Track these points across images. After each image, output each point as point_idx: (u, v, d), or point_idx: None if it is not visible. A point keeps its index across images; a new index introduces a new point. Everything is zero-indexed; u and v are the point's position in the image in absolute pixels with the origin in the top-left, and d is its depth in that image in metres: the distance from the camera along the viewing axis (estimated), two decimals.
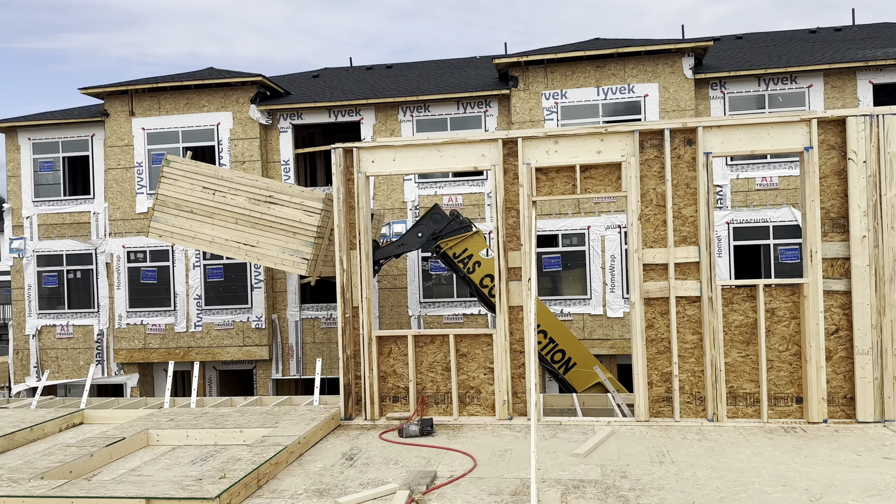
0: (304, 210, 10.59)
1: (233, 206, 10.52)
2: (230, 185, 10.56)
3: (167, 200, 10.40)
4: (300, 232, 10.54)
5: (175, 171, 10.47)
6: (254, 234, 10.47)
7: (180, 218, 10.40)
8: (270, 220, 10.56)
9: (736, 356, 7.76)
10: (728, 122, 7.67)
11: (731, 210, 18.21)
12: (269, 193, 10.65)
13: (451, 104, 19.37)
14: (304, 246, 10.48)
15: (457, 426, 7.95)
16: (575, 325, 18.86)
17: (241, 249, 10.51)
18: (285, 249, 10.50)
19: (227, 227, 10.52)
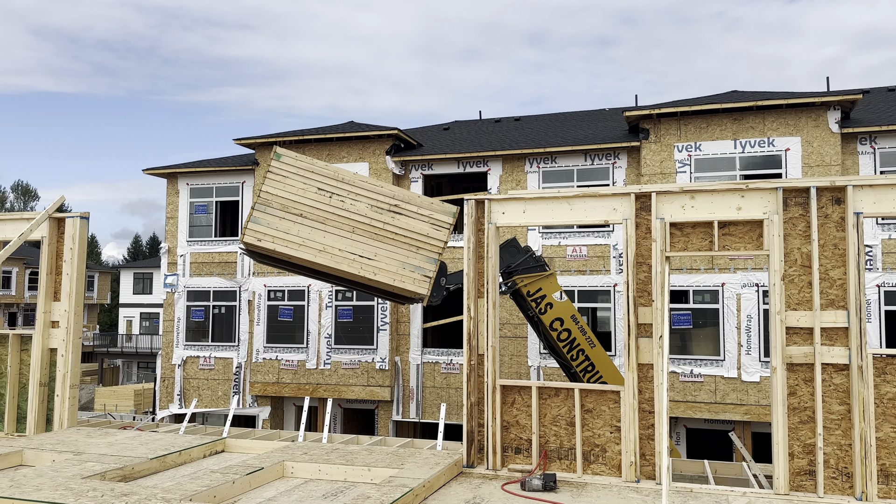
0: (431, 223, 9.62)
1: (351, 213, 9.39)
2: (350, 189, 9.45)
3: (271, 200, 9.13)
4: (424, 247, 9.59)
5: (286, 167, 9.22)
6: (372, 245, 9.38)
7: (286, 221, 9.12)
8: (393, 232, 9.49)
9: (889, 431, 7.13)
10: (882, 181, 7.24)
11: (883, 272, 16.87)
12: (395, 202, 9.59)
13: (578, 156, 19.46)
14: (426, 262, 9.50)
15: (580, 484, 7.81)
16: (706, 388, 17.96)
17: (357, 262, 9.31)
18: (406, 265, 9.45)
19: (342, 235, 9.33)
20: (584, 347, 11.36)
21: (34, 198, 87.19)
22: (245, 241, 9.00)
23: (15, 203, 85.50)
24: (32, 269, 53.50)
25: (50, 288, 10.57)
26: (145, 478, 7.92)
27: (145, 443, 9.19)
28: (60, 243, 10.66)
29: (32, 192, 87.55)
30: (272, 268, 18.70)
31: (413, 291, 9.44)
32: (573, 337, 11.29)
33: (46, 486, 6.74)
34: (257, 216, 9.12)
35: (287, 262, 10.08)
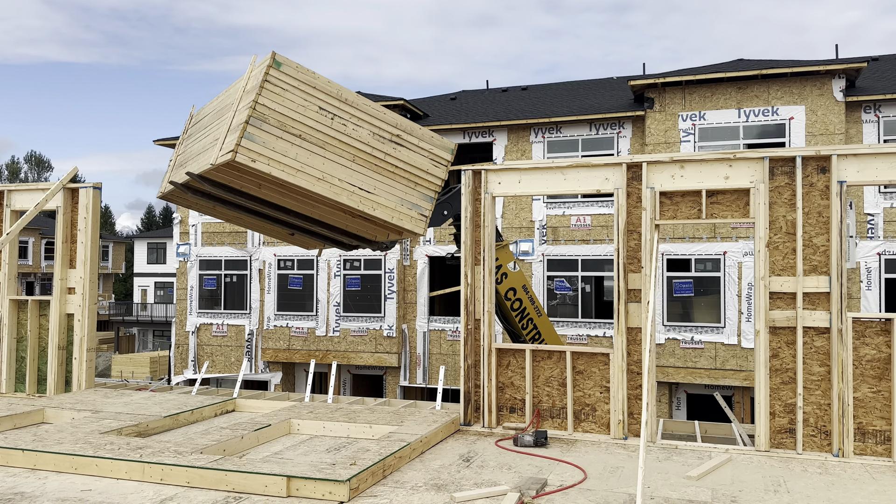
0: (431, 159, 8.87)
1: (353, 140, 8.34)
2: (353, 113, 8.39)
3: (268, 115, 7.73)
4: (423, 183, 8.83)
5: (285, 78, 7.90)
6: (372, 177, 8.43)
7: (283, 142, 7.83)
8: (394, 164, 8.59)
9: (866, 391, 7.45)
10: (865, 150, 7.44)
11: (884, 240, 17.01)
12: (398, 132, 8.66)
13: (583, 125, 19.58)
14: (423, 200, 8.80)
15: (570, 441, 8.20)
16: (706, 354, 18.31)
17: (356, 195, 8.29)
18: (404, 201, 8.67)
19: (342, 164, 8.25)
20: (532, 316, 11.75)
21: (48, 168, 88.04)
22: (237, 160, 7.53)
23: (29, 174, 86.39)
24: (48, 238, 54.39)
25: (66, 256, 11.01)
26: (159, 434, 8.40)
27: (159, 402, 9.67)
28: (75, 213, 11.07)
29: (46, 162, 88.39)
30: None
31: (410, 230, 8.89)
32: (524, 306, 11.65)
33: (67, 440, 7.22)
34: (252, 133, 7.58)
35: (222, 204, 9.15)
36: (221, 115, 8.51)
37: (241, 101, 7.97)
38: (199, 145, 8.86)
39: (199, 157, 8.56)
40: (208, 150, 8.28)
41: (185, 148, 9.58)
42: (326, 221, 9.29)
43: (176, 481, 6.20)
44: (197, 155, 8.77)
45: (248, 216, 9.49)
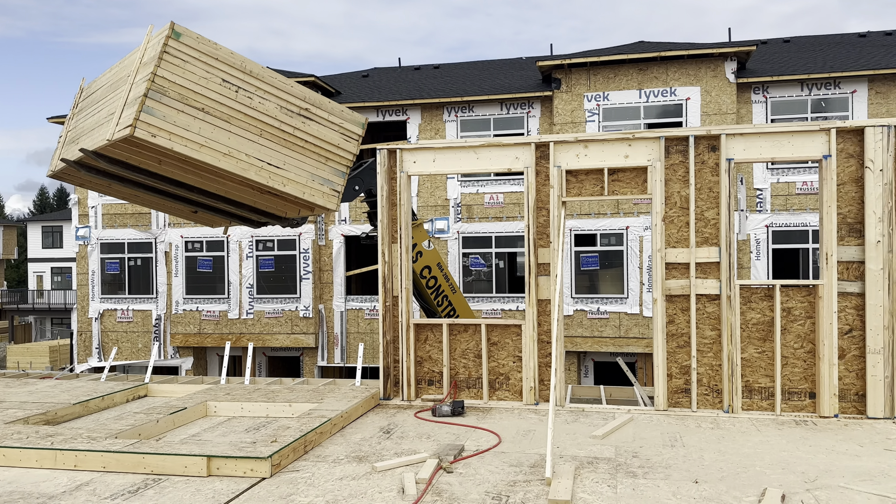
0: (342, 133, 8.78)
1: (260, 113, 8.12)
2: (258, 86, 8.16)
3: (168, 88, 7.41)
4: (334, 158, 8.73)
5: (185, 49, 7.60)
6: (281, 152, 8.25)
7: (184, 115, 7.54)
8: (303, 139, 8.43)
9: (753, 352, 8.17)
10: (750, 129, 8.08)
11: (771, 213, 18.33)
12: (307, 106, 8.50)
13: (494, 105, 19.95)
14: (335, 175, 8.73)
15: (486, 409, 8.57)
16: (611, 324, 19.25)
17: (265, 170, 8.11)
18: (315, 177, 8.54)
19: (249, 138, 8.02)
20: (447, 293, 12.04)
21: None
22: (136, 135, 7.16)
23: None
24: None
25: None
26: (69, 422, 8.16)
27: (67, 390, 9.36)
28: None
29: None
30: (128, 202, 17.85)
31: (322, 206, 8.60)
32: (439, 284, 11.91)
33: None
34: (151, 107, 7.24)
35: (119, 182, 8.80)
36: (116, 89, 8.10)
37: (137, 74, 7.63)
38: (93, 120, 8.45)
39: (94, 133, 8.19)
40: (103, 124, 7.93)
41: (76, 123, 9.12)
42: (233, 198, 9.11)
43: (91, 467, 6.10)
44: (90, 130, 8.38)
45: (148, 194, 9.17)
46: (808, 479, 5.76)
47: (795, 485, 5.62)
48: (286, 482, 5.77)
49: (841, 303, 7.90)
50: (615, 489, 5.52)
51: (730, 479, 5.76)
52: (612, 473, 5.93)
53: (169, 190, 8.81)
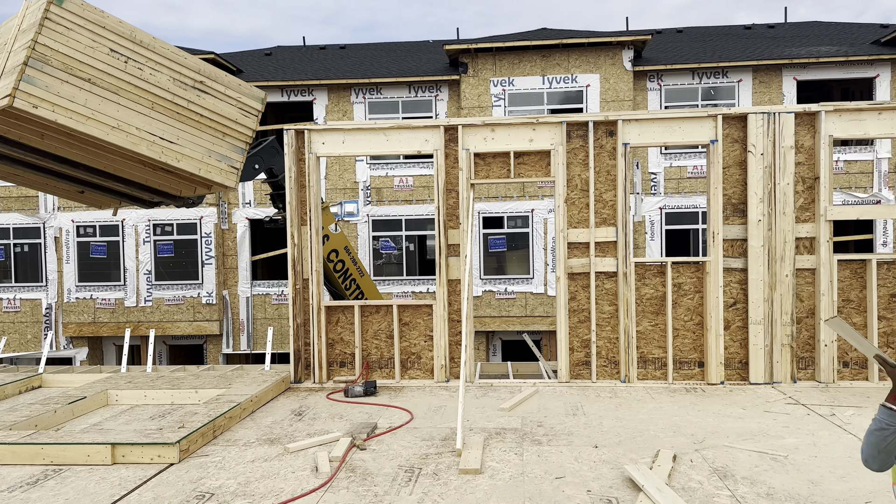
0: (240, 108, 8.53)
1: (152, 85, 7.81)
2: (150, 57, 7.84)
3: (50, 57, 7.02)
4: (232, 134, 8.46)
5: (70, 16, 7.20)
6: (174, 127, 7.95)
7: (69, 86, 7.16)
8: (198, 113, 8.16)
9: (647, 325, 8.70)
10: (644, 115, 8.54)
11: (665, 196, 19.35)
12: (201, 79, 8.25)
13: (403, 87, 19.95)
14: (234, 152, 8.44)
15: (398, 388, 8.71)
16: (518, 303, 19.82)
17: (157, 145, 7.78)
18: (212, 153, 8.25)
19: (140, 112, 7.70)
20: (355, 277, 12.06)
21: None
22: (15, 105, 6.72)
23: None
24: None
25: None
26: None
27: None
28: None
29: None
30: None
31: (220, 184, 8.32)
32: (346, 267, 11.91)
33: None
34: (32, 76, 6.81)
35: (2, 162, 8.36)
36: None
37: (16, 42, 7.10)
38: None
39: None
40: None
41: None
42: (123, 176, 8.66)
43: None
44: None
45: (28, 172, 8.59)
46: (696, 441, 6.25)
47: (686, 446, 6.09)
48: (196, 466, 5.69)
49: (726, 278, 8.53)
50: (522, 456, 5.80)
51: (626, 443, 6.17)
52: (519, 442, 6.22)
53: (53, 167, 8.31)
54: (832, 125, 8.29)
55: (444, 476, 5.37)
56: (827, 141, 8.26)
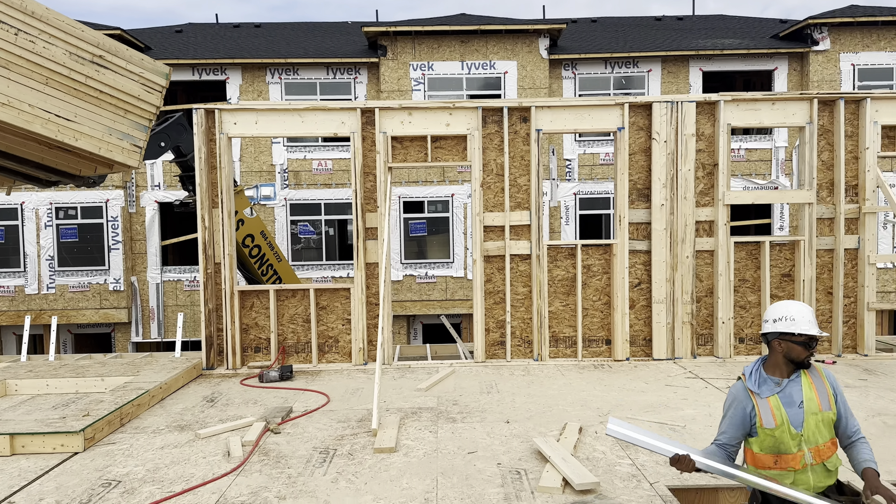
0: (143, 84, 8.08)
1: (46, 59, 7.41)
2: (42, 29, 7.45)
3: None
4: (134, 111, 8.04)
5: None
6: (71, 103, 7.55)
7: None
8: (97, 89, 7.76)
9: (558, 305, 9.01)
10: (556, 102, 8.79)
11: (579, 182, 19.92)
12: (101, 53, 7.82)
13: (320, 69, 19.63)
14: (136, 130, 8.02)
15: (316, 372, 8.68)
16: (438, 287, 20.00)
17: (53, 123, 7.38)
18: (113, 131, 7.82)
19: (33, 87, 7.29)
20: (272, 262, 11.83)
21: None
22: None
23: None
24: None
25: None
26: None
27: None
28: None
29: None
30: None
31: (122, 163, 8.19)
32: (263, 252, 11.66)
33: None
34: None
35: None
36: None
37: None
38: None
39: None
40: None
41: None
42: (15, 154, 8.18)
43: None
44: None
45: None
46: (601, 413, 6.55)
47: (591, 418, 6.38)
48: (102, 455, 5.52)
49: (632, 259, 8.93)
50: (436, 434, 5.93)
51: (537, 418, 6.41)
52: (434, 420, 6.35)
53: None
54: (730, 114, 8.79)
55: (359, 456, 5.43)
56: (725, 129, 8.75)
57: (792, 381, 3.31)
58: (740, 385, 3.40)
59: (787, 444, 3.26)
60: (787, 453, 3.27)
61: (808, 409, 3.26)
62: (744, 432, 3.37)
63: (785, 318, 3.29)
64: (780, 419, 3.25)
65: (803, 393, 3.28)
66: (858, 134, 8.81)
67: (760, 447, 3.33)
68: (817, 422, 3.26)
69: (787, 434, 3.25)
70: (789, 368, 3.32)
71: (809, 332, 3.23)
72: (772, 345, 3.34)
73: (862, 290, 8.82)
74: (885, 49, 19.43)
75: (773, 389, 3.30)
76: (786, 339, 3.27)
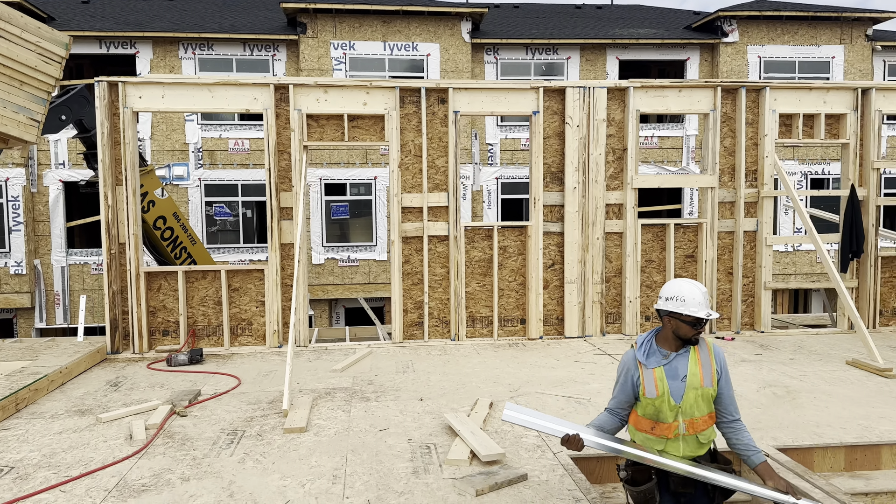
0: (40, 54, 7.68)
1: None
2: None
3: None
4: (31, 83, 7.63)
5: None
6: None
7: None
8: None
9: (475, 286, 9.12)
10: (473, 85, 8.84)
11: (501, 167, 20.16)
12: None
13: (237, 45, 19.02)
14: (33, 102, 7.61)
15: (228, 355, 8.48)
16: (361, 271, 19.87)
17: None
18: (7, 103, 7.45)
19: None
20: (186, 245, 11.42)
21: None
22: None
23: None
24: None
25: None
26: None
27: None
28: None
29: None
30: None
31: (18, 138, 7.55)
32: (176, 235, 11.23)
33: None
34: None
35: None
36: None
37: None
38: None
39: None
40: None
41: None
42: None
43: None
44: None
45: None
46: (513, 389, 6.71)
47: (503, 394, 6.52)
48: None
49: (546, 241, 9.13)
50: (349, 413, 5.92)
51: (450, 395, 6.49)
52: (348, 400, 6.33)
53: None
54: (639, 100, 9.08)
55: (268, 436, 5.36)
56: (635, 115, 9.03)
57: (680, 355, 3.45)
58: (631, 354, 3.54)
59: (665, 414, 3.41)
60: (663, 422, 3.43)
61: (690, 383, 3.40)
62: (631, 399, 3.53)
63: (676, 298, 3.41)
64: (661, 390, 3.39)
65: (688, 368, 3.42)
66: (758, 121, 9.28)
67: (643, 412, 3.49)
68: (697, 396, 3.40)
69: (666, 404, 3.40)
70: (678, 343, 3.46)
71: (697, 315, 3.36)
72: (663, 320, 3.49)
73: (759, 270, 9.34)
74: (788, 43, 20.50)
75: (660, 361, 3.45)
76: (675, 317, 3.41)
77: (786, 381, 6.93)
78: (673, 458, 3.42)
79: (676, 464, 3.39)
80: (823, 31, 20.60)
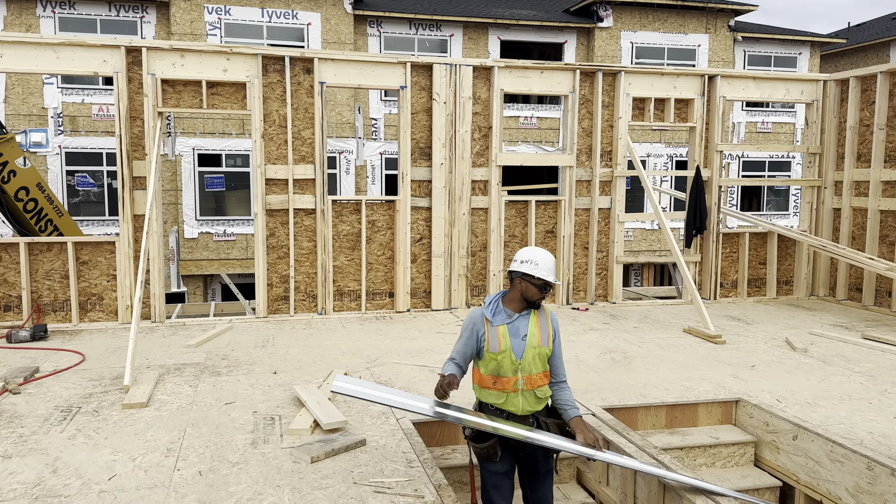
0: None
1: None
2: None
3: None
4: None
5: None
6: None
7: None
8: None
9: (343, 260, 9.12)
10: (340, 56, 8.75)
11: (384, 142, 20.10)
12: None
13: (102, 4, 17.79)
14: None
15: (76, 331, 8.05)
16: (238, 245, 19.29)
17: None
18: None
19: None
20: (52, 217, 10.76)
21: None
22: None
23: None
24: None
25: None
26: None
27: None
28: None
29: None
30: None
31: None
32: (41, 207, 10.56)
33: None
34: None
35: None
36: None
37: None
38: None
39: None
40: None
41: None
42: None
43: None
44: None
45: None
46: (370, 360, 6.80)
47: (359, 365, 6.60)
48: None
49: (414, 216, 9.25)
50: (196, 388, 5.81)
51: (306, 367, 6.50)
52: (197, 375, 6.20)
53: None
54: (504, 80, 9.32)
55: (105, 413, 5.17)
56: (499, 94, 9.27)
57: (522, 316, 3.78)
58: (479, 311, 3.84)
59: (506, 369, 3.72)
60: (504, 377, 3.74)
61: (529, 342, 3.73)
62: (474, 351, 3.80)
63: (530, 262, 3.73)
64: (504, 346, 3.71)
65: (529, 328, 3.75)
66: (614, 104, 9.77)
67: (486, 369, 3.78)
68: (534, 355, 3.74)
69: (507, 359, 3.71)
70: (522, 305, 3.78)
71: (546, 279, 3.70)
72: (514, 282, 3.79)
73: (612, 245, 9.91)
74: (658, 30, 21.58)
75: (505, 320, 3.75)
76: (527, 279, 3.72)
77: (625, 346, 7.44)
78: (514, 413, 3.75)
79: (506, 427, 3.70)
80: (691, 20, 21.83)
